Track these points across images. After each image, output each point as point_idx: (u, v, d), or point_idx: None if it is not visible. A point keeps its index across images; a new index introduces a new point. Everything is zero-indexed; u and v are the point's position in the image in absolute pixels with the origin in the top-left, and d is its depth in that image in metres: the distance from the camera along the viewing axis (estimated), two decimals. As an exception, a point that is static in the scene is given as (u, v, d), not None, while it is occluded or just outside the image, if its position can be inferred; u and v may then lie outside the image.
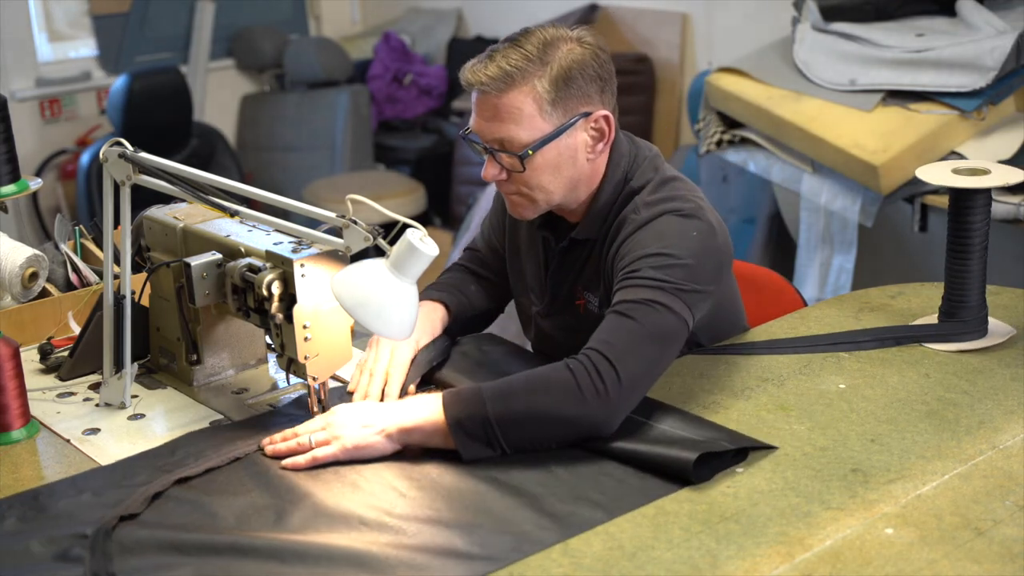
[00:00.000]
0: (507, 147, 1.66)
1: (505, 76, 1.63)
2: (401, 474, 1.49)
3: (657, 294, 1.59)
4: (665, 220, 1.68)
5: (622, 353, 1.53)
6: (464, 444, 1.52)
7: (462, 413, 1.53)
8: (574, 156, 1.70)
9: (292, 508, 1.42)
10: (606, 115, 1.69)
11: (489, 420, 1.52)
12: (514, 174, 1.69)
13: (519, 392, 1.54)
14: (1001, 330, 1.86)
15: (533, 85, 1.64)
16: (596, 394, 1.51)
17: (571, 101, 1.66)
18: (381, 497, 1.44)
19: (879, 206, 3.19)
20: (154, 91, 4.72)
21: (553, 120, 1.66)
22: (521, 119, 1.64)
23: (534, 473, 1.47)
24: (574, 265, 1.81)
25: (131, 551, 1.34)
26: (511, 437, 1.52)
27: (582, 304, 1.81)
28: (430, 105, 5.51)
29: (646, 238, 1.66)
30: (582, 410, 1.51)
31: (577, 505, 1.39)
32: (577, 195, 1.75)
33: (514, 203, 1.74)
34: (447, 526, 1.36)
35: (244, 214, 1.64)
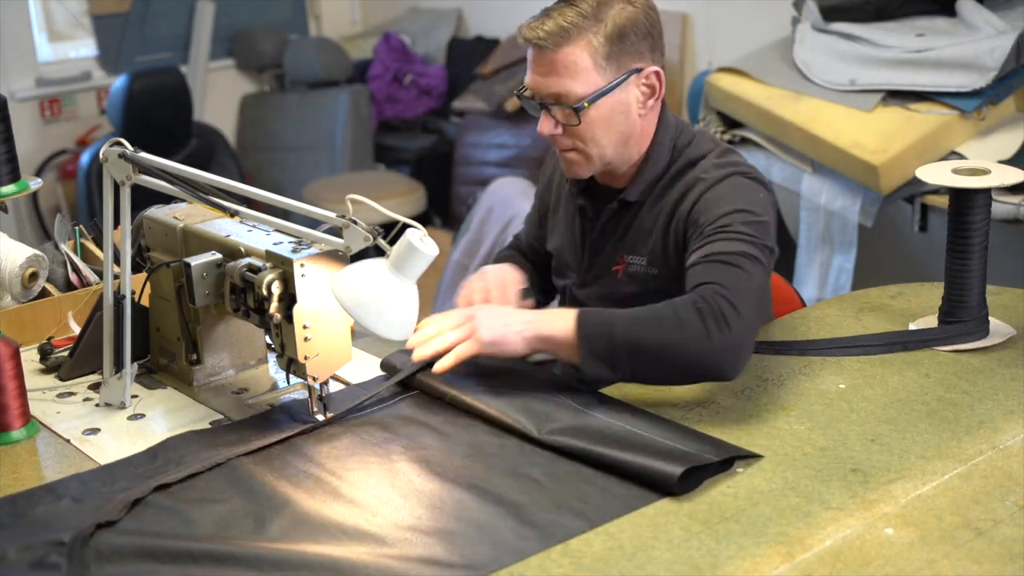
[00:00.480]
0: (563, 101, 1.75)
1: (562, 31, 1.71)
2: (383, 481, 1.48)
3: (752, 248, 1.67)
4: (737, 180, 1.77)
5: (738, 296, 1.59)
6: (588, 361, 1.59)
7: (592, 331, 1.60)
8: (627, 111, 1.78)
9: (272, 516, 1.40)
10: (657, 71, 1.78)
11: (617, 343, 1.58)
12: (569, 128, 1.77)
13: (649, 322, 1.59)
14: (1001, 330, 1.86)
15: (589, 40, 1.72)
16: (721, 334, 1.56)
17: (624, 57, 1.75)
18: (362, 505, 1.42)
19: (879, 206, 3.19)
20: (154, 91, 4.73)
21: (607, 75, 1.74)
22: (577, 73, 1.72)
23: (516, 482, 1.46)
24: (616, 229, 1.88)
25: (108, 559, 1.32)
26: (634, 364, 1.59)
27: (620, 269, 1.87)
28: (430, 105, 5.51)
29: (725, 195, 1.74)
30: (707, 348, 1.57)
31: (559, 514, 1.37)
32: (628, 153, 1.83)
33: (569, 160, 1.82)
34: (428, 534, 1.34)
35: (244, 214, 1.64)
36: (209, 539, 1.35)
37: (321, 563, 1.28)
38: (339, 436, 1.62)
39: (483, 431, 1.61)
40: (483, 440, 1.58)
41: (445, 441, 1.59)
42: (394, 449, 1.57)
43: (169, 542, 1.34)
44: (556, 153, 1.99)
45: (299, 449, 1.59)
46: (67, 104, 5.10)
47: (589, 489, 1.43)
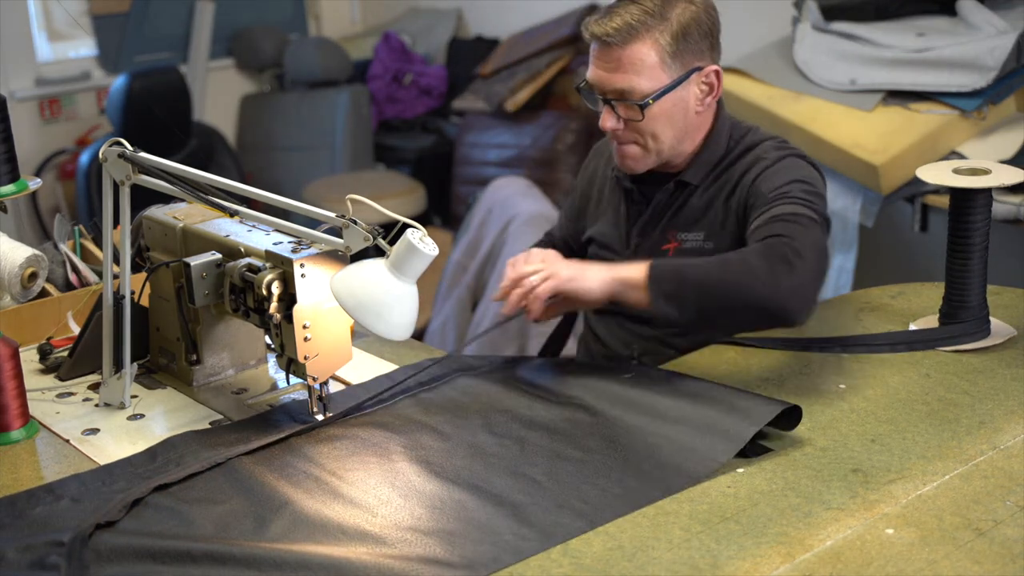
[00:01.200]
0: (627, 96, 1.80)
1: (630, 28, 1.77)
2: (383, 482, 1.48)
3: (812, 213, 1.72)
4: (793, 160, 1.84)
5: (803, 247, 1.63)
6: (657, 301, 1.64)
7: (662, 272, 1.65)
8: (686, 108, 1.84)
9: (271, 516, 1.40)
10: (717, 70, 1.84)
11: (685, 282, 1.64)
12: (631, 123, 1.83)
13: (716, 265, 1.65)
14: (1002, 330, 1.85)
15: (656, 38, 1.77)
16: (789, 278, 1.60)
17: (687, 55, 1.80)
18: (362, 505, 1.42)
19: (879, 206, 3.19)
20: (154, 91, 4.72)
21: (672, 72, 1.80)
22: (643, 69, 1.78)
23: (516, 482, 1.46)
24: (667, 210, 1.92)
25: (108, 559, 1.32)
26: (701, 304, 1.64)
27: (672, 247, 1.91)
28: (430, 105, 5.51)
29: (784, 169, 1.81)
30: (776, 292, 1.60)
31: (559, 514, 1.37)
32: (683, 148, 1.89)
33: (626, 154, 1.87)
34: (427, 535, 1.34)
35: (244, 214, 1.64)
36: (208, 539, 1.35)
37: (321, 563, 1.28)
38: (339, 436, 1.62)
39: (483, 431, 1.61)
40: (483, 440, 1.58)
41: (445, 441, 1.59)
42: (394, 449, 1.57)
43: (169, 542, 1.34)
44: (599, 149, 2.03)
45: (299, 449, 1.58)
46: (67, 104, 5.10)
47: (589, 489, 1.43)
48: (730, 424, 1.53)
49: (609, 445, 1.54)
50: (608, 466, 1.49)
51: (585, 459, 1.51)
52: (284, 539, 1.35)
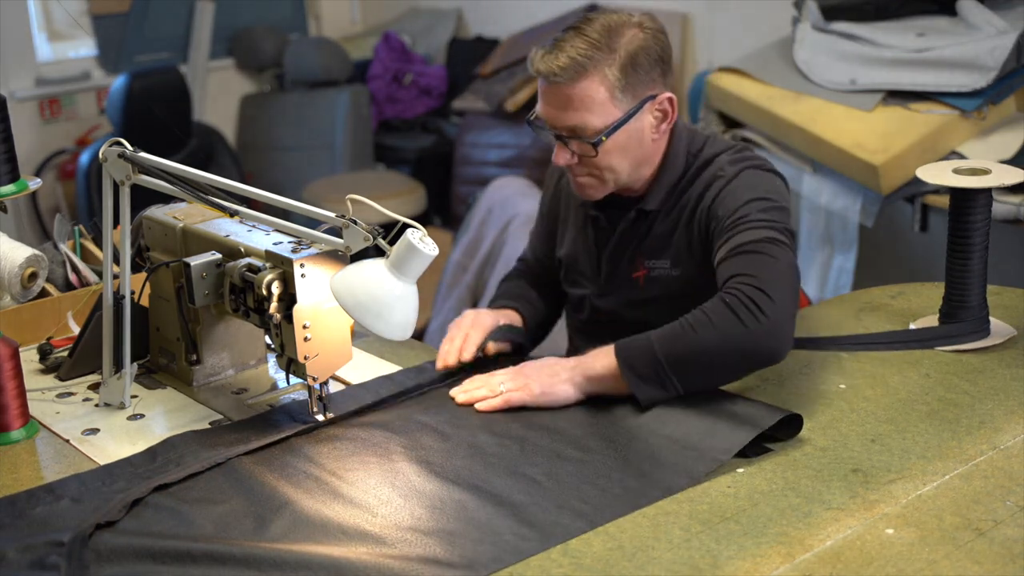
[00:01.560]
0: (579, 134, 1.75)
1: (576, 66, 1.71)
2: (383, 482, 1.48)
3: (774, 233, 1.67)
4: (752, 172, 1.79)
5: (769, 283, 1.59)
6: (639, 387, 1.60)
7: (633, 358, 1.61)
8: (641, 138, 1.80)
9: (271, 516, 1.40)
10: (670, 97, 1.80)
11: (660, 363, 1.59)
12: (585, 159, 1.77)
13: (684, 333, 1.59)
14: (1002, 330, 1.85)
15: (604, 74, 1.71)
16: (759, 323, 1.56)
17: (638, 86, 1.75)
18: (362, 505, 1.42)
19: (879, 206, 3.19)
20: (154, 91, 4.72)
21: (623, 105, 1.75)
22: (593, 106, 1.73)
23: (516, 482, 1.46)
24: (635, 237, 1.89)
25: (108, 559, 1.32)
26: (682, 375, 1.59)
27: (641, 275, 1.88)
28: (430, 105, 5.51)
29: (742, 187, 1.76)
30: (749, 341, 1.56)
31: (559, 514, 1.37)
32: (641, 173, 1.85)
33: (583, 184, 1.83)
34: (428, 535, 1.34)
35: (244, 214, 1.63)
36: (209, 539, 1.35)
37: (321, 563, 1.28)
38: (339, 436, 1.62)
39: (483, 431, 1.61)
40: (483, 440, 1.58)
41: (445, 441, 1.59)
42: (394, 449, 1.57)
43: (168, 542, 1.34)
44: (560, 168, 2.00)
45: (299, 449, 1.59)
46: (67, 104, 5.10)
47: (589, 489, 1.43)
48: (731, 427, 1.53)
49: (609, 445, 1.54)
50: (608, 466, 1.49)
51: (585, 459, 1.51)
52: (284, 539, 1.35)
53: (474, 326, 1.86)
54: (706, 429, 1.54)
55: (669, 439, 1.53)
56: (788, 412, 1.55)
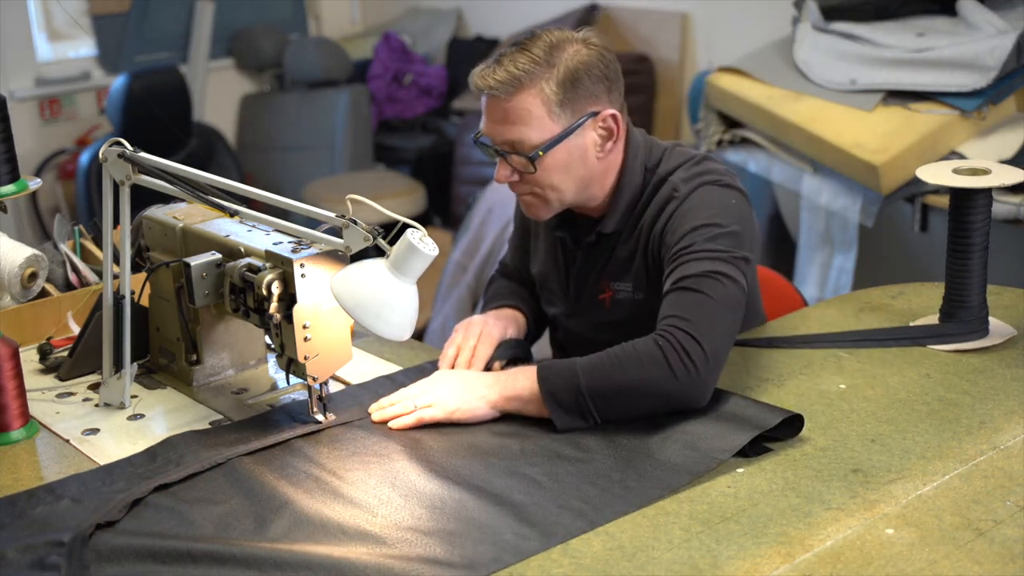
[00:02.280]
0: (518, 149, 1.71)
1: (513, 79, 1.68)
2: (383, 482, 1.48)
3: (716, 264, 1.64)
4: (706, 190, 1.74)
5: (702, 328, 1.58)
6: (558, 415, 1.59)
7: (556, 386, 1.59)
8: (584, 155, 1.74)
9: (272, 516, 1.40)
10: (614, 114, 1.74)
11: (583, 393, 1.58)
12: (526, 175, 1.74)
13: (611, 367, 1.58)
14: (1002, 330, 1.85)
15: (541, 87, 1.68)
16: (686, 371, 1.56)
17: (579, 102, 1.70)
18: (362, 505, 1.42)
19: (879, 206, 3.19)
20: (154, 91, 4.72)
21: (562, 121, 1.70)
22: (530, 121, 1.69)
23: (516, 482, 1.46)
24: (599, 259, 1.85)
25: (108, 559, 1.32)
26: (603, 410, 1.59)
27: (607, 297, 1.85)
28: (430, 105, 5.51)
29: (691, 210, 1.72)
30: (674, 387, 1.56)
31: (560, 514, 1.37)
32: (591, 193, 1.79)
33: (527, 203, 1.80)
34: (428, 535, 1.34)
35: (244, 214, 1.64)
36: (209, 539, 1.35)
37: (321, 563, 1.28)
38: (339, 436, 1.62)
39: (483, 430, 1.61)
40: (483, 440, 1.58)
41: (445, 441, 1.59)
42: (394, 449, 1.57)
43: (169, 542, 1.34)
44: None
45: (299, 449, 1.59)
46: (66, 104, 5.10)
47: (589, 489, 1.43)
48: (732, 427, 1.53)
49: (609, 445, 1.54)
50: (608, 466, 1.49)
51: (585, 459, 1.51)
52: (285, 539, 1.35)
53: (483, 339, 1.82)
54: (706, 429, 1.54)
55: (669, 439, 1.54)
56: (789, 412, 1.55)
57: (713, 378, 1.59)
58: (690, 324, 1.58)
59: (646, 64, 4.59)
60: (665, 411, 1.60)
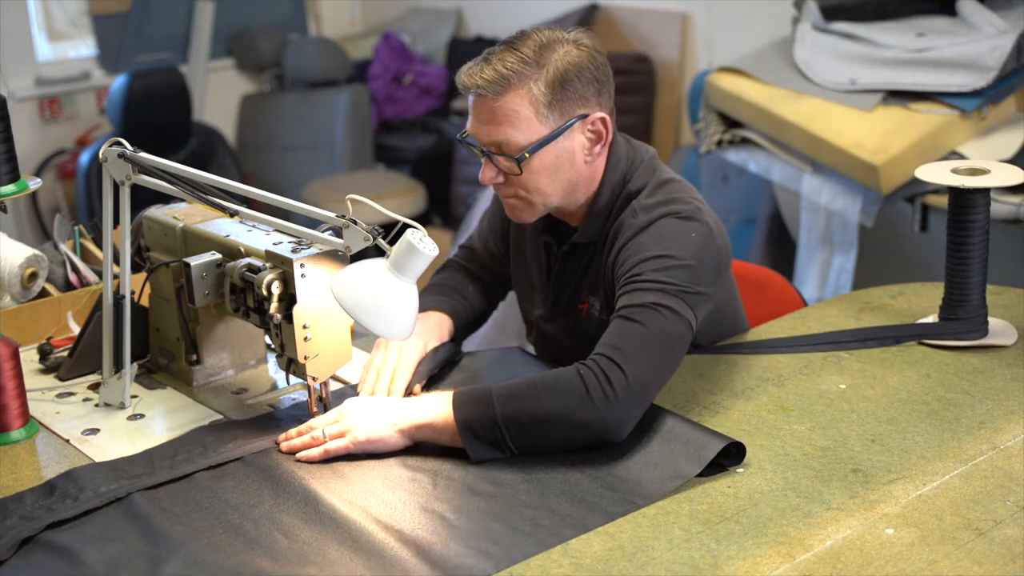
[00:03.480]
0: (504, 150, 1.66)
1: (501, 79, 1.63)
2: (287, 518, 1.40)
3: (661, 297, 1.58)
4: (664, 223, 1.67)
5: (630, 357, 1.52)
6: (473, 445, 1.52)
7: (471, 415, 1.53)
8: (572, 159, 1.70)
9: (166, 556, 1.32)
10: (603, 117, 1.70)
11: (498, 423, 1.51)
12: (511, 177, 1.69)
13: (528, 395, 1.52)
14: (1002, 330, 1.85)
15: (529, 88, 1.63)
16: (605, 399, 1.49)
17: (568, 104, 1.66)
18: (262, 545, 1.35)
19: (879, 206, 3.19)
20: (154, 91, 4.72)
21: (550, 123, 1.66)
22: (518, 122, 1.64)
23: (426, 519, 1.38)
24: (576, 269, 1.81)
25: None
26: (519, 440, 1.52)
27: (585, 308, 1.81)
28: (430, 105, 5.51)
29: (646, 241, 1.66)
30: (592, 415, 1.50)
31: (465, 555, 1.30)
32: (576, 198, 1.75)
33: (512, 206, 1.74)
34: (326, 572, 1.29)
35: (244, 214, 1.64)
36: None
37: None
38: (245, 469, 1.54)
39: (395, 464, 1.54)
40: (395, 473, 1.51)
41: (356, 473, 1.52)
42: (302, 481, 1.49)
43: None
44: None
45: (203, 484, 1.51)
46: (66, 104, 5.09)
47: (499, 528, 1.37)
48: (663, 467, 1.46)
49: (525, 479, 1.47)
50: (522, 502, 1.42)
51: (498, 494, 1.44)
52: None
53: (402, 362, 1.75)
54: (634, 467, 1.48)
55: (590, 476, 1.47)
56: (727, 440, 1.48)
57: (635, 410, 1.53)
58: (618, 353, 1.52)
59: (646, 64, 4.60)
60: (583, 444, 1.52)
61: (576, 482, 1.45)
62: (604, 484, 1.44)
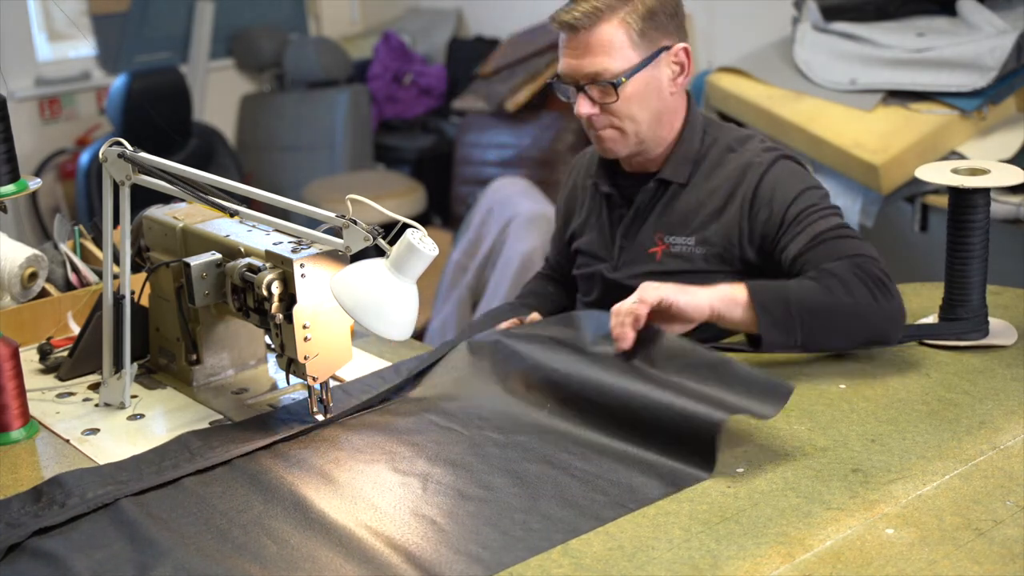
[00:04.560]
0: (600, 79, 1.80)
1: (596, 12, 1.79)
2: (276, 524, 1.39)
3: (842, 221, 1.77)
4: (786, 163, 1.85)
5: (883, 268, 1.68)
6: (768, 328, 1.63)
7: (767, 299, 1.64)
8: (659, 88, 1.85)
9: (153, 563, 1.30)
10: (685, 47, 1.86)
11: (792, 310, 1.63)
12: (607, 106, 1.82)
13: (819, 290, 1.65)
14: (1002, 330, 1.85)
15: (622, 18, 1.79)
16: (889, 302, 1.66)
17: (655, 35, 1.82)
18: (249, 551, 1.33)
19: (879, 206, 3.19)
20: (154, 91, 4.72)
21: (641, 51, 1.81)
22: (612, 50, 1.79)
23: (416, 523, 1.37)
24: (652, 211, 1.92)
25: None
26: (809, 329, 1.64)
27: (660, 250, 1.91)
28: (430, 105, 5.51)
29: (786, 177, 1.83)
30: (878, 315, 1.65)
31: (455, 560, 1.29)
32: (661, 132, 1.88)
33: (605, 138, 1.87)
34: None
35: (244, 214, 1.64)
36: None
37: None
38: (232, 473, 1.53)
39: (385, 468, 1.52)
40: (385, 478, 1.49)
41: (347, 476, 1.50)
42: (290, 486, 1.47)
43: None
44: (574, 165, 2.04)
45: (191, 489, 1.47)
46: (66, 104, 5.10)
47: (490, 532, 1.35)
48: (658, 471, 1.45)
49: (516, 482, 1.45)
50: (512, 506, 1.40)
51: (488, 498, 1.42)
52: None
53: None
54: (625, 471, 1.46)
55: (581, 480, 1.45)
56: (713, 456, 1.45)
57: (904, 316, 1.69)
58: (873, 261, 1.68)
59: (646, 64, 4.59)
60: (862, 343, 1.69)
61: (567, 486, 1.44)
62: (595, 488, 1.43)
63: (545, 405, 1.63)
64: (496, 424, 1.62)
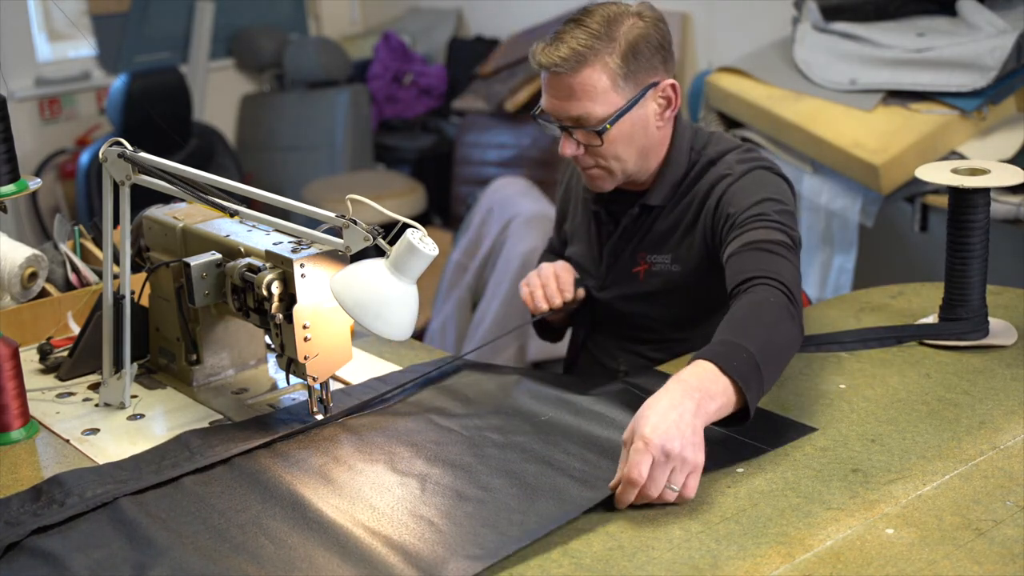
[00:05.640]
0: (584, 123, 1.77)
1: (577, 55, 1.73)
2: (274, 523, 1.39)
3: (786, 239, 1.69)
4: (760, 173, 1.81)
5: (792, 284, 1.61)
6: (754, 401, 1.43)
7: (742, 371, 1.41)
8: (646, 126, 1.82)
9: (151, 563, 1.30)
10: (672, 83, 1.82)
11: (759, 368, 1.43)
12: (591, 148, 1.80)
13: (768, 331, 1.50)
14: (1002, 330, 1.85)
15: (605, 61, 1.74)
16: (799, 317, 1.58)
17: (640, 74, 1.77)
18: (247, 551, 1.33)
19: (879, 206, 3.19)
20: (154, 91, 4.72)
21: (626, 93, 1.77)
22: (596, 95, 1.75)
23: (414, 524, 1.36)
24: (637, 232, 1.92)
25: None
26: (772, 373, 1.47)
27: (642, 270, 1.91)
28: (430, 105, 5.51)
29: (750, 185, 1.78)
30: (797, 331, 1.57)
31: (452, 559, 1.28)
32: (647, 164, 1.87)
33: (592, 176, 1.86)
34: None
35: (244, 214, 1.64)
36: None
37: None
38: (232, 473, 1.53)
39: (384, 469, 1.51)
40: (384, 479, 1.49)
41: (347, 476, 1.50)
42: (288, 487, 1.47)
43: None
44: (572, 163, 2.04)
45: (189, 489, 1.49)
46: (66, 104, 5.10)
47: (487, 533, 1.34)
48: None
49: (513, 483, 1.45)
50: (510, 507, 1.39)
51: (486, 499, 1.42)
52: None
53: (560, 269, 1.94)
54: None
55: (579, 481, 1.44)
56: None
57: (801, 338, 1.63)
58: (784, 279, 1.59)
59: (646, 64, 4.59)
60: None
61: (563, 487, 1.44)
62: (594, 488, 1.43)
63: (545, 415, 1.64)
64: (495, 425, 1.62)
